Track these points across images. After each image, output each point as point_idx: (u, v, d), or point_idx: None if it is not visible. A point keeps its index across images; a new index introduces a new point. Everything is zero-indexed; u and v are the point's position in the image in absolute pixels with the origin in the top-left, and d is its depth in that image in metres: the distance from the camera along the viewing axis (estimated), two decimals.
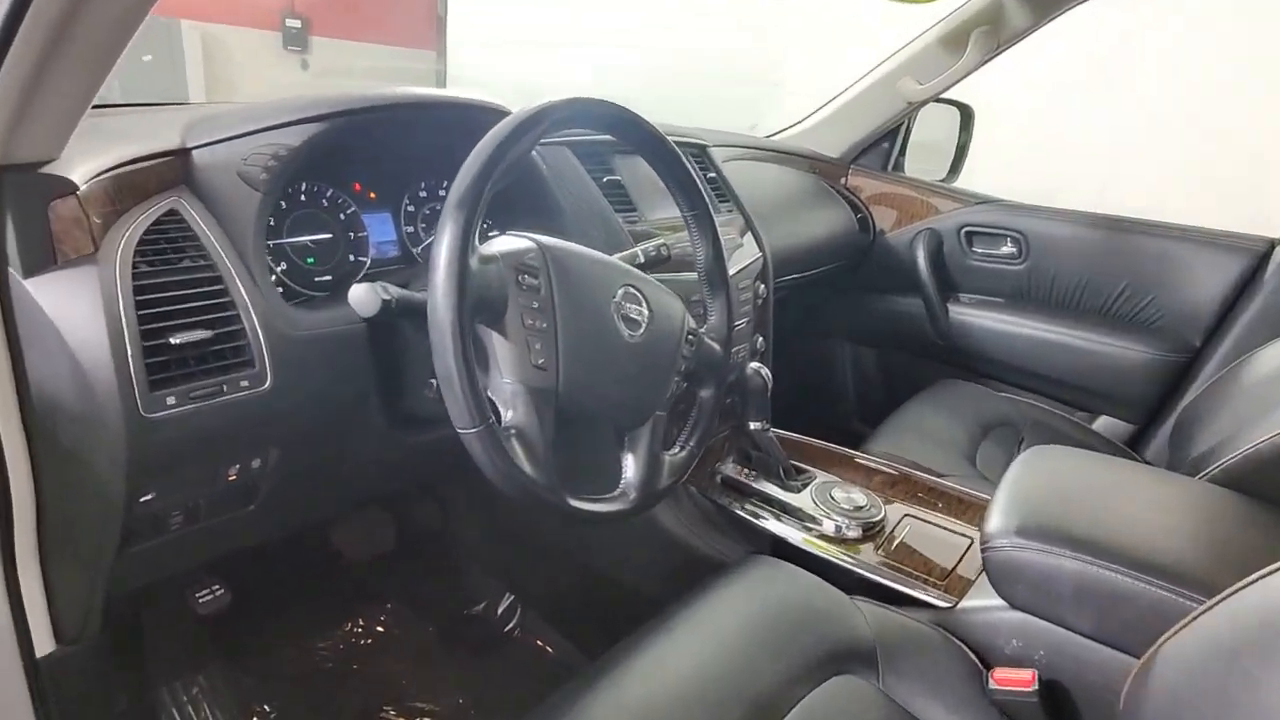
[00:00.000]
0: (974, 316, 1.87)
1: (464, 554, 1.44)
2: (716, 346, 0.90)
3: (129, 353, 0.63)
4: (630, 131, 0.79)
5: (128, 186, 0.71)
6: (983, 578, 0.93)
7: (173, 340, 0.66)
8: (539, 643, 1.38)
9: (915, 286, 1.91)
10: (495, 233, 1.11)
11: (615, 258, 0.96)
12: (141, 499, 0.68)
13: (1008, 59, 1.71)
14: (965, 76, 1.67)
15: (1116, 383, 1.70)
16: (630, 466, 0.79)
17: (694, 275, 0.96)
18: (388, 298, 0.67)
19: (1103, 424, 1.75)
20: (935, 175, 2.06)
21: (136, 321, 0.64)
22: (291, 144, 0.78)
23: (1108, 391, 1.72)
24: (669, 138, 0.83)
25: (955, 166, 2.09)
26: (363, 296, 0.67)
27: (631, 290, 0.77)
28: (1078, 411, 1.79)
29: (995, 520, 0.89)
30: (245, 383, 0.70)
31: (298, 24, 4.82)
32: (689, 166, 0.84)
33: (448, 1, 4.88)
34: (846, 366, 2.09)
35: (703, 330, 0.90)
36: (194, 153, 0.78)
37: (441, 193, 1.07)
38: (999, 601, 0.89)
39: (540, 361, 0.68)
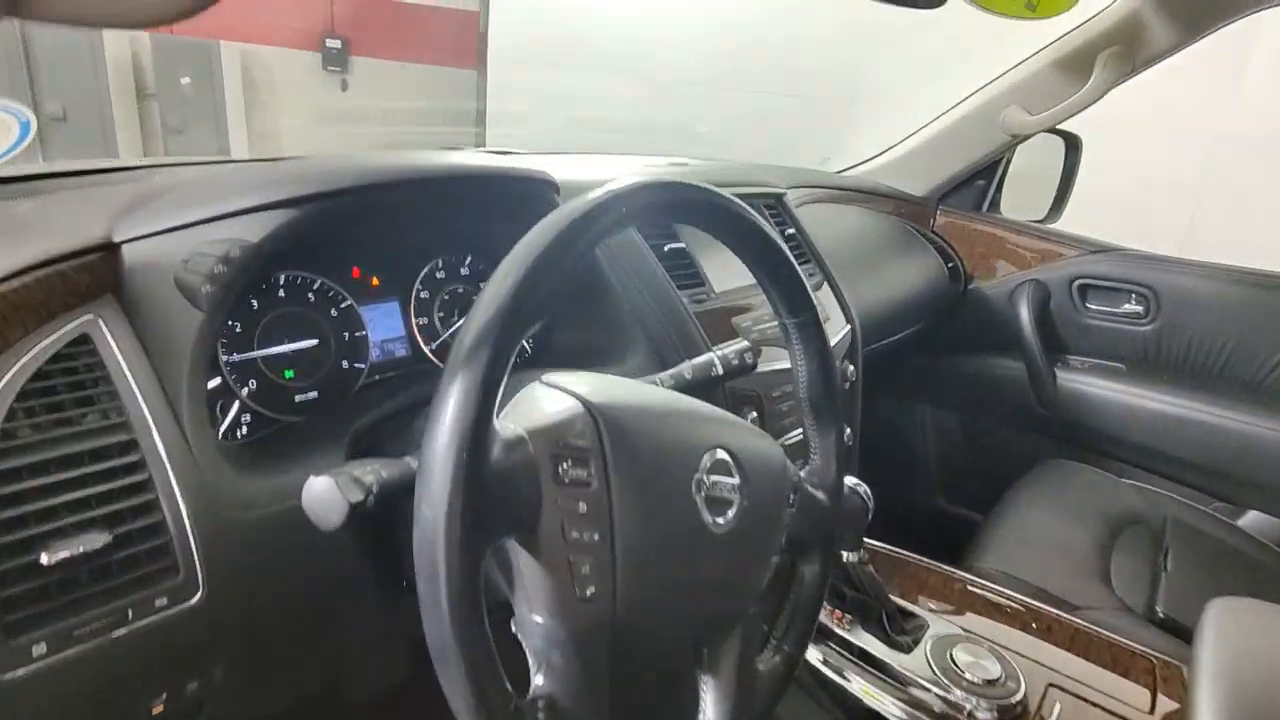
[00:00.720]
0: (1087, 384, 1.59)
1: None
2: (822, 497, 0.67)
3: None
4: (722, 221, 0.56)
5: (14, 309, 0.51)
6: None
7: (45, 560, 0.44)
8: None
9: (1015, 346, 1.65)
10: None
11: (689, 370, 0.73)
12: None
13: None
14: (1088, 106, 1.41)
15: (1271, 471, 1.41)
16: (711, 697, 0.55)
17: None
18: (358, 497, 0.45)
19: (1252, 520, 1.46)
20: (1027, 215, 1.80)
21: None
22: (248, 239, 0.57)
23: (1260, 481, 1.43)
24: (763, 223, 0.60)
25: (1057, 205, 1.82)
26: (320, 498, 0.45)
27: (722, 457, 0.54)
28: (1214, 501, 1.51)
29: None
30: (163, 600, 0.49)
31: (338, 44, 4.72)
32: (797, 266, 0.60)
33: (489, 20, 4.73)
34: (927, 435, 1.83)
35: (803, 475, 0.66)
36: (125, 249, 0.58)
37: (464, 271, 0.85)
38: None
39: (590, 591, 0.45)
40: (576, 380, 0.50)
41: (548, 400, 0.48)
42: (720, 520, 0.53)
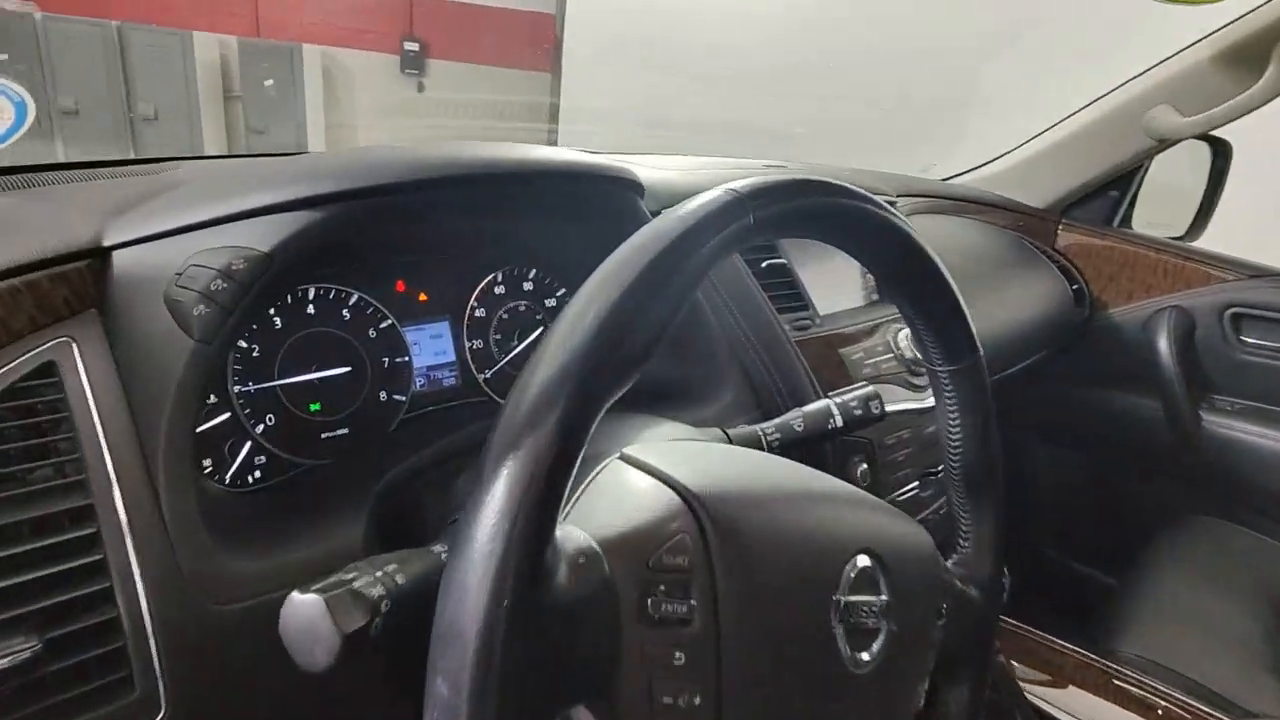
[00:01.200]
0: (1239, 430, 1.36)
1: None
2: (976, 596, 0.51)
3: None
4: (874, 240, 0.41)
5: None
6: None
7: None
8: None
9: (1150, 381, 1.43)
10: None
11: (800, 421, 0.58)
12: None
13: None
14: (1261, 106, 1.20)
15: None
16: None
17: None
18: (358, 624, 0.32)
19: None
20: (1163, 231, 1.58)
21: None
22: (256, 248, 0.45)
23: None
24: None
25: (1199, 221, 1.59)
26: (302, 625, 0.32)
27: (865, 566, 0.39)
28: None
29: None
30: None
31: (415, 47, 4.75)
32: (963, 301, 0.45)
33: (564, 24, 4.67)
34: (1043, 478, 1.62)
35: (951, 567, 0.51)
36: (115, 256, 0.47)
37: (528, 286, 0.72)
38: None
39: None
40: (668, 457, 0.36)
41: (631, 489, 0.34)
42: (865, 656, 0.38)
